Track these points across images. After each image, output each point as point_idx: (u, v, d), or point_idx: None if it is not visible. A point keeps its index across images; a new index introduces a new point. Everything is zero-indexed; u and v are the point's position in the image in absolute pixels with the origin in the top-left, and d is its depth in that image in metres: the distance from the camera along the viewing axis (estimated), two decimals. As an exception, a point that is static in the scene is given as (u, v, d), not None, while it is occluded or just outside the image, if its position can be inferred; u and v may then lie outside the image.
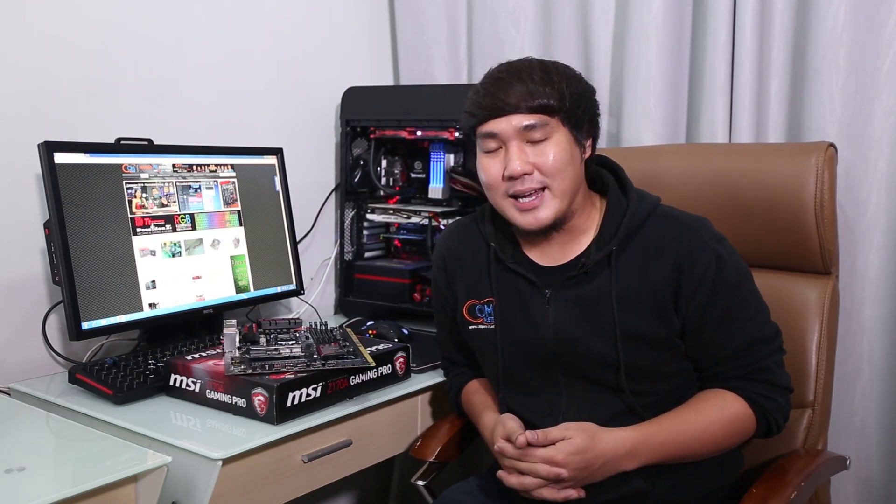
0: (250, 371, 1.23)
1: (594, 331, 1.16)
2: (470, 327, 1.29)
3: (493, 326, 1.25)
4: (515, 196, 1.16)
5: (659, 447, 1.12)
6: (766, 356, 1.16)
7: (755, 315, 1.17)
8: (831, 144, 1.37)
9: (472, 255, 1.29)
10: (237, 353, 1.28)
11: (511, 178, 1.14)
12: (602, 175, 1.24)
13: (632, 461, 1.11)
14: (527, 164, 1.13)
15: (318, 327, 1.43)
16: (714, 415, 1.14)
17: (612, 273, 1.15)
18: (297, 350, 1.30)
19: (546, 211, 1.15)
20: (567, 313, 1.19)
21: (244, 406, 1.23)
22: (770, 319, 1.19)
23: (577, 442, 1.08)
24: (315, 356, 1.29)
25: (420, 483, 1.36)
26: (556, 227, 1.19)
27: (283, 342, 1.34)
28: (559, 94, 1.12)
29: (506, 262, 1.23)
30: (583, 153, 1.18)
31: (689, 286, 1.14)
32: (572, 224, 1.20)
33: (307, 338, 1.37)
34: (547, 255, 1.23)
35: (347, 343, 1.37)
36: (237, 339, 1.32)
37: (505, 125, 1.13)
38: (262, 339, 1.35)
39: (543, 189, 1.15)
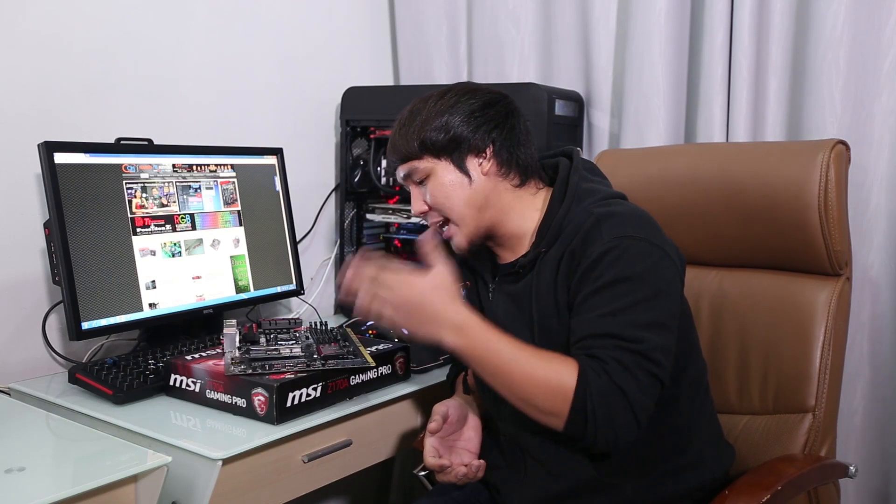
0: (250, 371, 1.23)
1: (524, 326, 1.18)
2: None
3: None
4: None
5: (483, 351, 1.06)
6: (606, 348, 1.04)
7: (617, 314, 1.06)
8: (840, 142, 1.31)
9: None
10: (237, 353, 1.28)
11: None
12: (559, 169, 1.24)
13: (453, 334, 1.06)
14: (422, 205, 1.22)
15: (318, 327, 1.43)
16: (545, 364, 1.05)
17: (535, 273, 1.17)
18: (297, 350, 1.30)
19: (457, 239, 1.21)
20: (504, 307, 1.22)
21: (244, 406, 1.23)
22: (645, 327, 1.06)
23: (431, 279, 1.07)
24: (315, 356, 1.29)
25: (422, 474, 1.38)
26: (490, 239, 1.23)
27: (283, 342, 1.34)
28: (419, 138, 1.18)
29: (467, 258, 1.27)
30: (480, 172, 1.18)
31: (574, 275, 1.12)
32: (508, 231, 1.22)
33: (307, 338, 1.37)
34: (504, 256, 1.25)
35: (347, 343, 1.37)
36: (237, 339, 1.32)
37: (397, 176, 1.25)
38: (262, 339, 1.35)
39: (447, 221, 1.21)
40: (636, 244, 1.10)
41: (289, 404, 1.22)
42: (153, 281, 1.46)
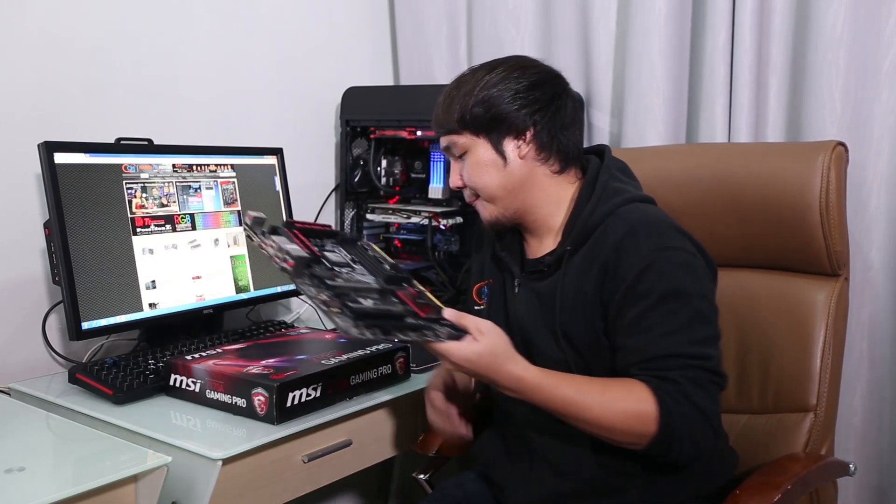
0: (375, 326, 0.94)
1: (544, 325, 1.17)
2: (475, 308, 1.31)
3: (485, 306, 1.29)
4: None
5: (548, 401, 1.06)
6: (677, 369, 1.05)
7: (678, 333, 1.07)
8: (840, 143, 1.32)
9: (488, 237, 1.32)
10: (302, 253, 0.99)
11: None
12: (590, 166, 1.23)
13: (514, 394, 1.07)
14: (458, 179, 1.24)
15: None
16: (618, 395, 1.06)
17: (562, 273, 1.16)
18: (368, 279, 1.06)
19: (484, 214, 1.23)
20: (528, 304, 1.21)
21: (244, 406, 1.23)
22: (705, 343, 1.08)
23: (477, 348, 1.03)
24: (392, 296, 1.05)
25: (421, 477, 1.39)
26: (519, 225, 1.24)
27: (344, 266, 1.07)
28: (460, 112, 1.18)
29: (496, 249, 1.27)
30: (517, 155, 1.18)
31: (609, 289, 1.11)
32: (537, 218, 1.21)
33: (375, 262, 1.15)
34: (532, 247, 1.25)
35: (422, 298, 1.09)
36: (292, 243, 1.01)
37: (440, 146, 1.25)
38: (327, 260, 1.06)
39: (479, 196, 1.23)
40: (676, 255, 1.10)
41: (289, 404, 1.22)
42: (153, 281, 1.46)
